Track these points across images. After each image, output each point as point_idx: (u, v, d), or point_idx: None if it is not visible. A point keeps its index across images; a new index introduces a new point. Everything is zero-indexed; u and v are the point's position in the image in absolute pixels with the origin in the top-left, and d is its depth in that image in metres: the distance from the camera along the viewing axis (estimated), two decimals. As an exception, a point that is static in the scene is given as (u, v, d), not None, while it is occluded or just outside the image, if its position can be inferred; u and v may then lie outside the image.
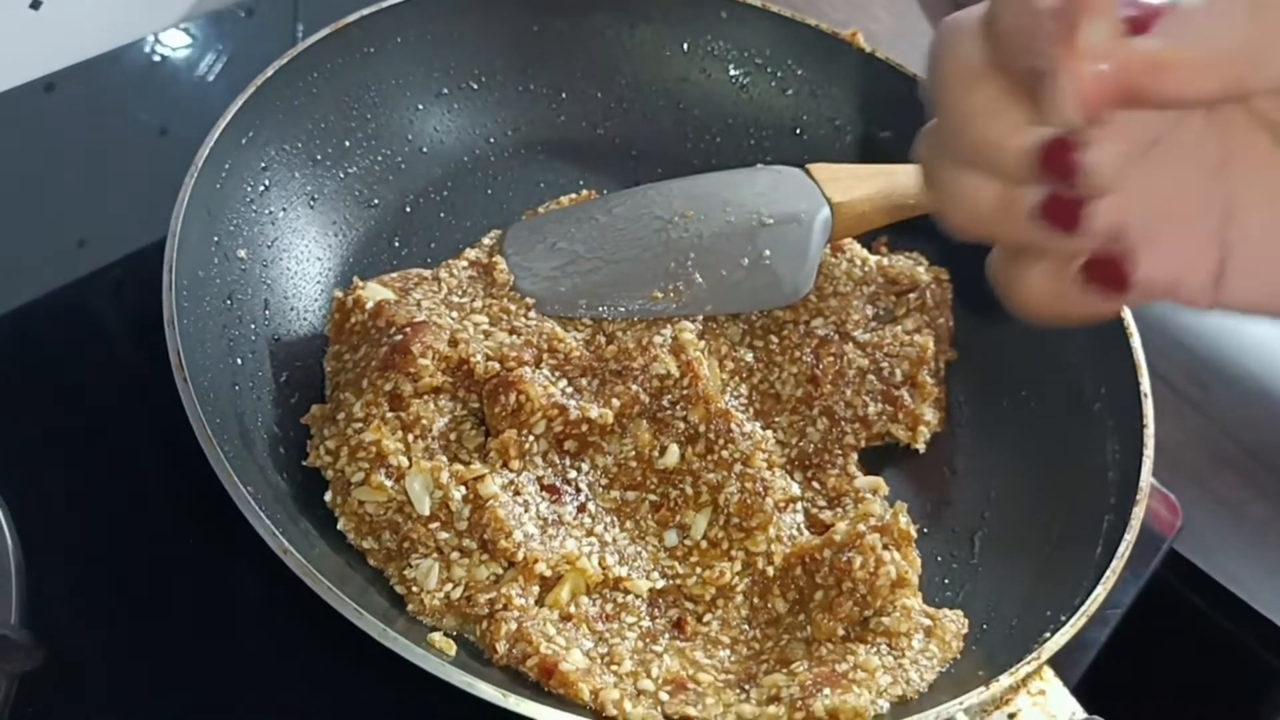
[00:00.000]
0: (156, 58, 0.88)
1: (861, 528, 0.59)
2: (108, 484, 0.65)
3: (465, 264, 0.69)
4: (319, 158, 0.70)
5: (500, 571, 0.56)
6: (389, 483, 0.56)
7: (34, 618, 0.57)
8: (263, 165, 0.67)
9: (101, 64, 0.86)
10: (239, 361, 0.61)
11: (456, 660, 0.52)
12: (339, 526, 0.57)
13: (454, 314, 0.64)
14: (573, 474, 0.61)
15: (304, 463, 0.59)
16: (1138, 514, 0.60)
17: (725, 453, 0.62)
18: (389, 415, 0.58)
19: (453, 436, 0.60)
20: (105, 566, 0.62)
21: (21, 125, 0.82)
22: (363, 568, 0.57)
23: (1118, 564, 0.57)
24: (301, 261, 0.68)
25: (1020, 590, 0.61)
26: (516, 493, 0.58)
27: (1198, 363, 0.88)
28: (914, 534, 0.60)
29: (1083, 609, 0.55)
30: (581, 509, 0.60)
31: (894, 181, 0.71)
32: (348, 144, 0.72)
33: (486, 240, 0.72)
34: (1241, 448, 0.85)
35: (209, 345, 0.60)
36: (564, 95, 0.80)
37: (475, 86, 0.78)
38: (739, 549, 0.60)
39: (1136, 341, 0.67)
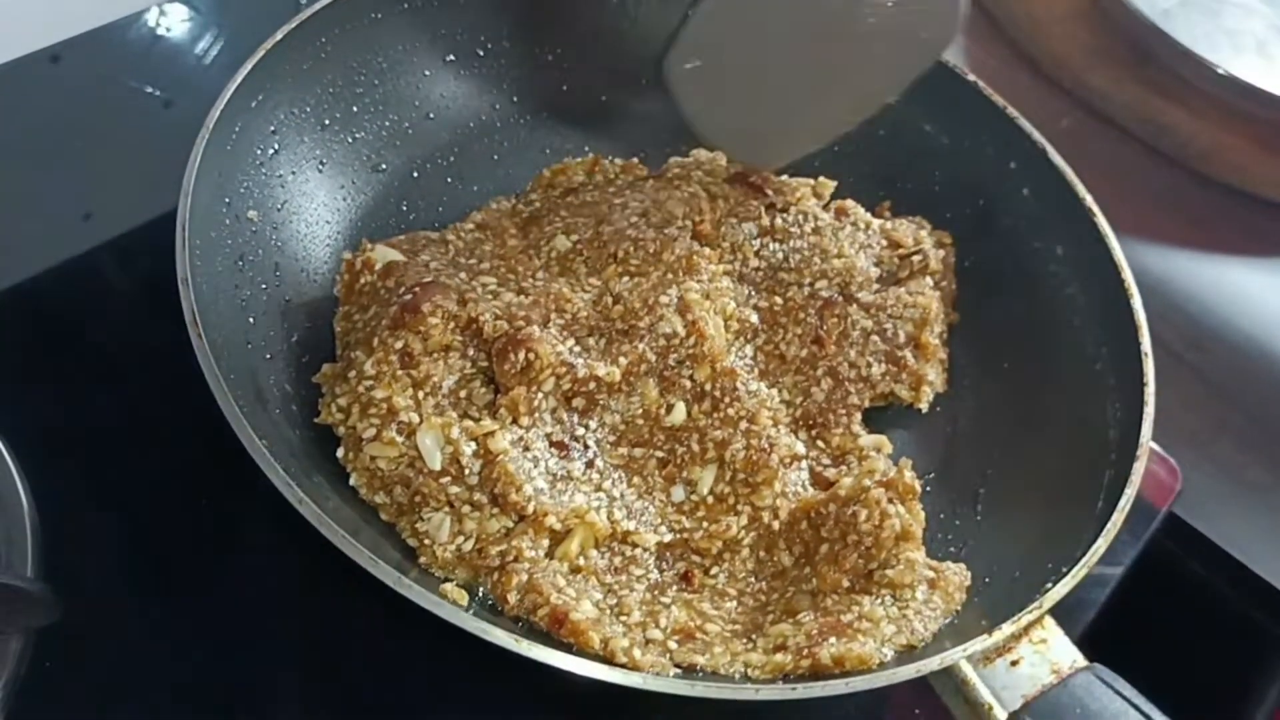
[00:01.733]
0: (161, 30, 0.88)
1: (867, 483, 0.60)
2: (120, 443, 0.66)
3: (472, 226, 0.70)
4: (327, 122, 0.71)
5: (511, 525, 0.57)
6: (400, 438, 0.57)
7: (51, 574, 0.58)
8: (272, 129, 0.67)
9: (107, 35, 0.86)
10: (251, 321, 0.62)
11: (469, 608, 0.53)
12: (351, 482, 0.58)
13: (462, 274, 0.65)
14: (581, 431, 0.62)
15: (316, 420, 0.60)
16: (1139, 469, 0.61)
17: (731, 410, 0.63)
18: (400, 373, 0.59)
19: (463, 394, 0.60)
20: (120, 522, 0.63)
21: (28, 96, 0.82)
22: (375, 522, 0.58)
23: (1119, 517, 0.58)
24: (311, 225, 0.69)
25: (1022, 544, 0.62)
26: (526, 449, 0.59)
27: (1196, 327, 0.88)
28: (919, 489, 0.61)
29: (1084, 560, 0.56)
30: (590, 465, 0.61)
31: None
32: (355, 109, 0.72)
33: (494, 204, 0.73)
34: (1240, 412, 0.86)
35: (222, 305, 0.60)
36: (570, 61, 0.80)
37: (481, 53, 0.78)
38: (745, 504, 0.61)
39: (1137, 302, 0.68)
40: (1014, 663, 0.54)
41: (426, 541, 0.57)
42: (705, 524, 0.61)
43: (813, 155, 0.75)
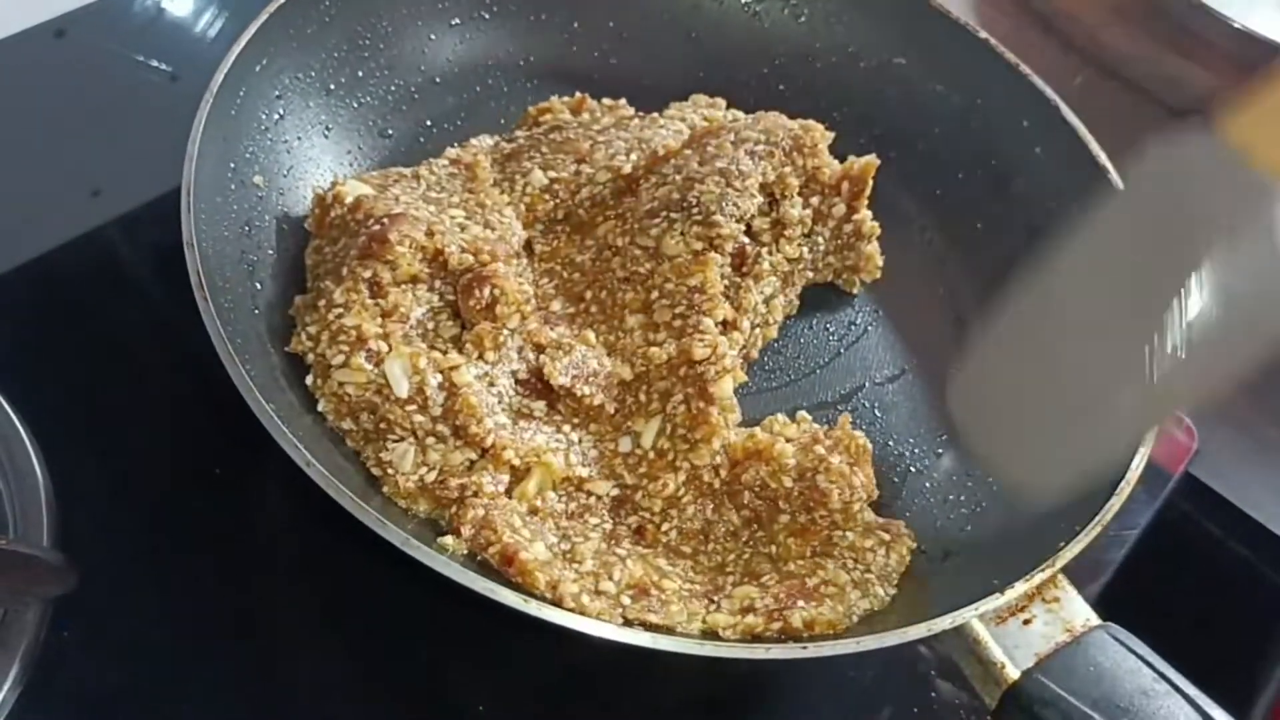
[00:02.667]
0: (166, 2, 0.88)
1: (819, 450, 0.60)
2: (133, 414, 0.66)
3: (446, 161, 0.70)
4: (332, 87, 0.71)
5: (474, 458, 0.58)
6: (369, 365, 0.58)
7: (67, 544, 0.59)
8: (276, 94, 0.67)
9: (111, 8, 0.86)
10: (258, 286, 0.62)
11: (476, 567, 0.53)
12: (319, 408, 0.59)
13: (431, 208, 0.65)
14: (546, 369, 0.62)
15: (286, 349, 0.61)
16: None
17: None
18: (369, 301, 0.60)
19: (430, 326, 0.61)
20: (134, 492, 0.64)
21: (33, 72, 0.82)
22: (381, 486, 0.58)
23: (1132, 475, 0.58)
24: (318, 190, 0.68)
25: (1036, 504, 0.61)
26: (491, 384, 0.59)
27: (1212, 286, 0.87)
28: (869, 446, 0.61)
29: (1097, 518, 0.56)
30: (552, 406, 0.61)
31: None
32: (361, 74, 0.72)
33: (473, 141, 0.73)
34: (1257, 370, 0.85)
35: (228, 270, 0.60)
36: (575, 24, 0.80)
37: (487, 16, 0.78)
38: (684, 460, 0.61)
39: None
40: (1026, 621, 0.54)
41: (390, 471, 0.57)
42: (645, 481, 0.60)
43: (825, 117, 0.74)
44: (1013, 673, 0.53)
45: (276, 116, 0.67)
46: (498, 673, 0.61)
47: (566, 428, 0.61)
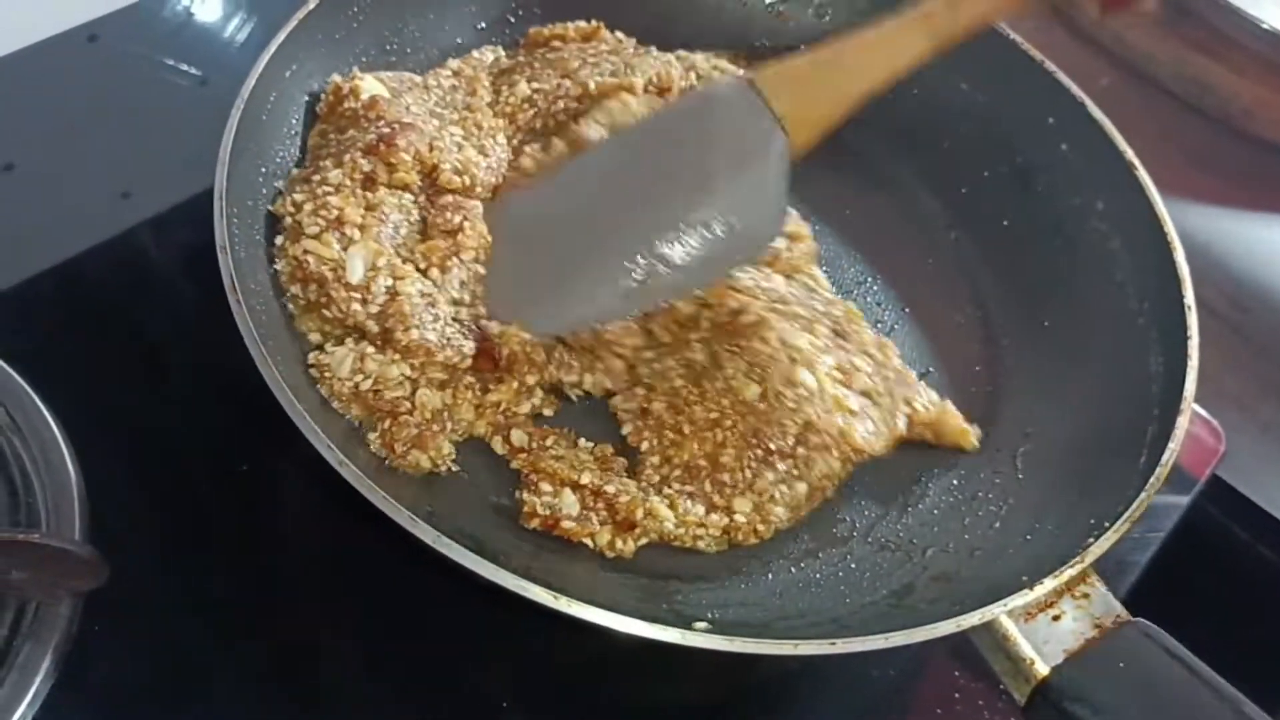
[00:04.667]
0: (196, 7, 0.89)
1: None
2: (163, 412, 0.67)
3: (449, 73, 0.73)
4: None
5: (410, 376, 0.60)
6: (336, 245, 0.61)
7: (98, 539, 0.59)
8: (306, 98, 0.68)
9: (142, 13, 0.87)
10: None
11: (512, 567, 0.52)
12: (276, 266, 0.62)
13: (435, 122, 0.68)
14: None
15: (269, 208, 0.64)
16: (1182, 423, 0.60)
17: None
18: (359, 191, 0.63)
19: (401, 233, 0.64)
20: (164, 488, 0.64)
21: (65, 75, 0.83)
22: (411, 485, 0.59)
23: (1162, 471, 0.57)
24: (335, 80, 0.69)
25: (1064, 501, 0.61)
26: (432, 304, 0.62)
27: (1239, 287, 0.87)
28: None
29: (1126, 514, 0.56)
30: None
31: (848, 65, 0.64)
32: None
33: (475, 54, 0.75)
34: (1283, 374, 0.85)
35: (260, 274, 0.61)
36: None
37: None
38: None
39: (1180, 254, 0.67)
40: (1055, 618, 0.53)
41: (327, 374, 0.59)
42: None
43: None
44: (1042, 669, 0.52)
45: (307, 121, 0.68)
46: (522, 668, 0.62)
47: None
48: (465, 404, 0.61)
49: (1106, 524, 0.56)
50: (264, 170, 0.65)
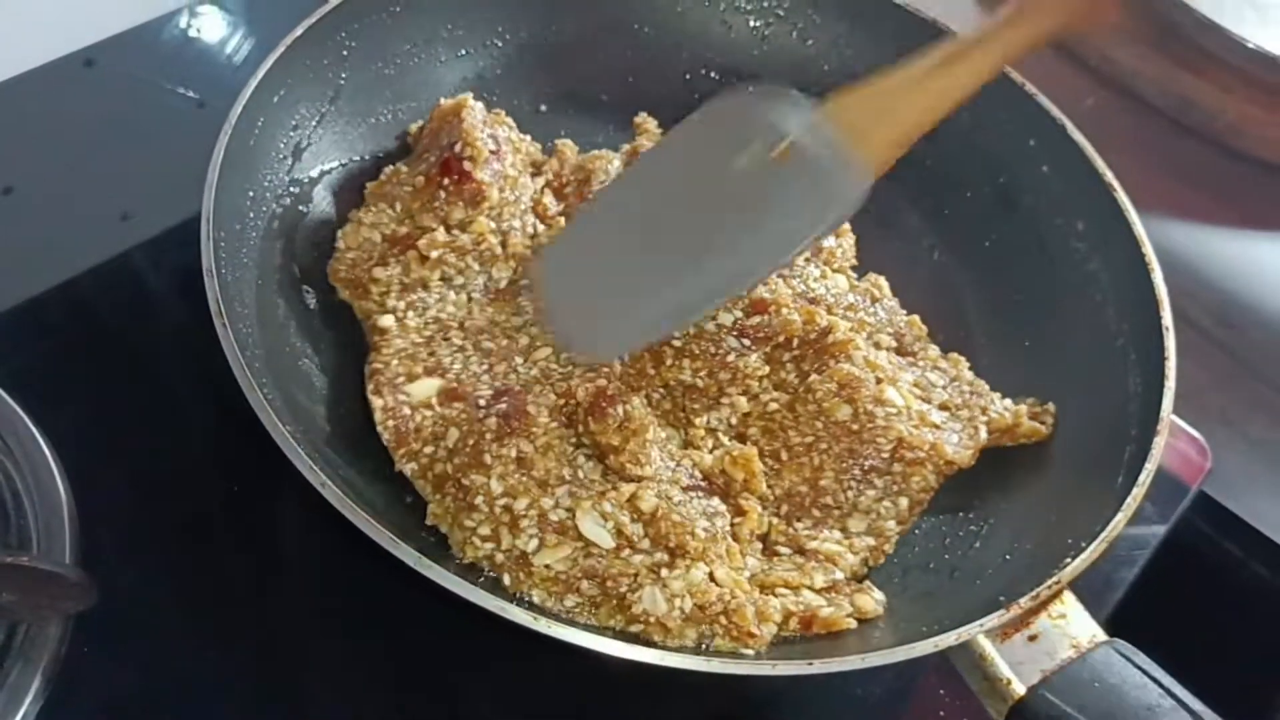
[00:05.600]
0: (193, 31, 0.90)
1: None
2: (155, 434, 0.67)
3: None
4: (348, 116, 0.72)
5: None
6: (567, 539, 0.57)
7: (88, 561, 0.59)
8: (294, 123, 0.69)
9: (139, 37, 0.88)
10: (275, 311, 0.64)
11: (485, 585, 0.53)
12: (535, 600, 0.57)
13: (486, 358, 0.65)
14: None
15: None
16: (1159, 443, 0.60)
17: None
18: (522, 477, 0.58)
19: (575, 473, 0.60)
20: (155, 511, 0.65)
21: (64, 99, 0.84)
22: (398, 505, 0.59)
23: (1139, 491, 0.58)
24: (338, 218, 0.70)
25: (1043, 521, 0.62)
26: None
27: (1225, 303, 0.87)
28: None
29: (1103, 534, 0.56)
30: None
31: (908, 105, 0.62)
32: (376, 104, 0.74)
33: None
34: (1272, 388, 0.85)
35: (247, 296, 0.62)
36: (586, 49, 0.81)
37: (500, 44, 0.79)
38: None
39: (1158, 275, 0.67)
40: (1032, 638, 0.54)
41: (652, 621, 0.55)
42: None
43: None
44: (1019, 689, 0.53)
45: (294, 145, 0.69)
46: (515, 689, 0.62)
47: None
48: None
49: (1083, 545, 0.56)
50: (252, 194, 0.65)
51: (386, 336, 0.64)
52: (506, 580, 0.57)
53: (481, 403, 0.60)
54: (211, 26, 0.91)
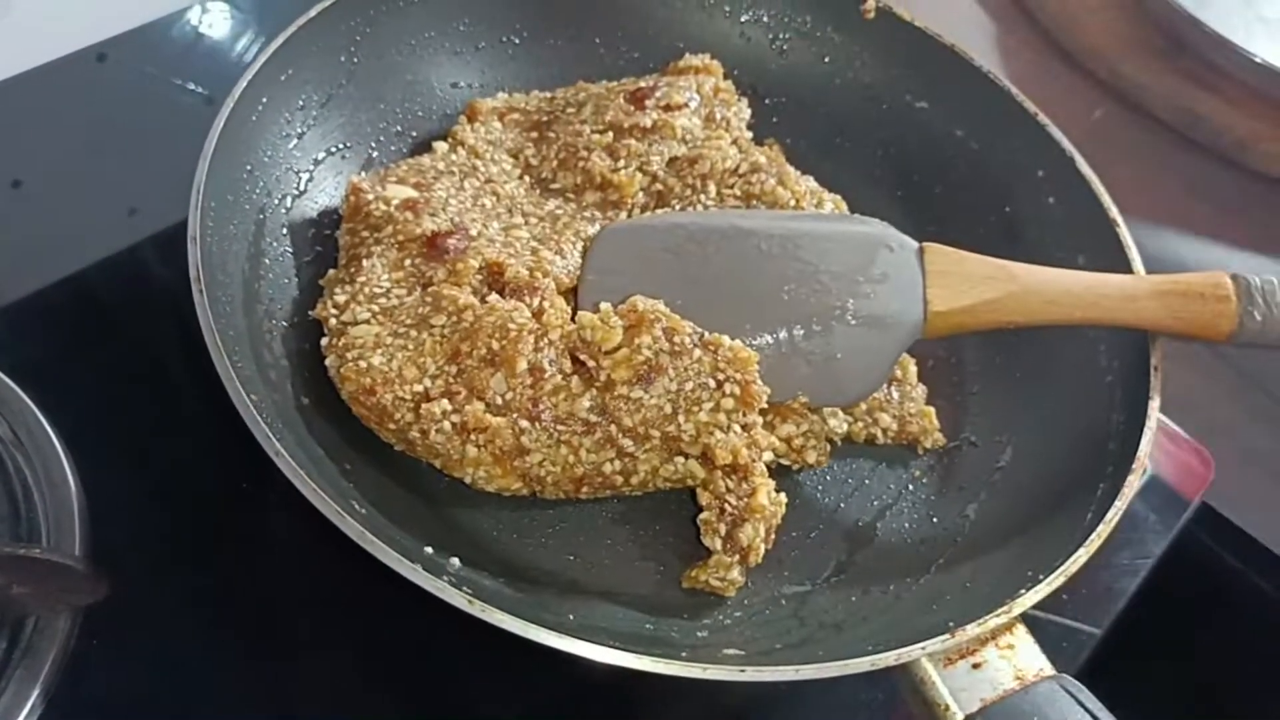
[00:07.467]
0: (204, 28, 0.90)
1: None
2: (164, 428, 0.68)
3: (446, 148, 0.72)
4: (356, 102, 0.73)
5: None
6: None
7: (97, 554, 0.60)
8: (300, 104, 0.69)
9: (151, 33, 0.88)
10: (264, 285, 0.64)
11: (457, 578, 0.53)
12: (326, 362, 0.61)
13: (496, 225, 0.67)
14: None
15: (310, 312, 0.64)
16: (1132, 483, 0.60)
17: None
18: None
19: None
20: (164, 504, 0.65)
21: (75, 94, 0.84)
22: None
23: (1104, 529, 0.57)
24: (336, 200, 0.71)
25: (1008, 551, 0.62)
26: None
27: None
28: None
29: (1061, 569, 0.55)
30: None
31: (1007, 291, 0.64)
32: (384, 91, 0.74)
33: (458, 128, 0.74)
34: (1274, 401, 0.85)
35: (231, 267, 0.61)
36: (601, 52, 0.81)
37: (518, 41, 0.79)
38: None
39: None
40: (977, 665, 0.53)
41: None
42: None
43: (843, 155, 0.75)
44: (956, 716, 0.52)
45: (297, 126, 0.69)
46: (514, 691, 0.62)
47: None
48: None
49: (1041, 576, 0.55)
50: (249, 168, 0.65)
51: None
52: (324, 341, 0.61)
53: (433, 231, 0.64)
54: (222, 23, 0.91)
